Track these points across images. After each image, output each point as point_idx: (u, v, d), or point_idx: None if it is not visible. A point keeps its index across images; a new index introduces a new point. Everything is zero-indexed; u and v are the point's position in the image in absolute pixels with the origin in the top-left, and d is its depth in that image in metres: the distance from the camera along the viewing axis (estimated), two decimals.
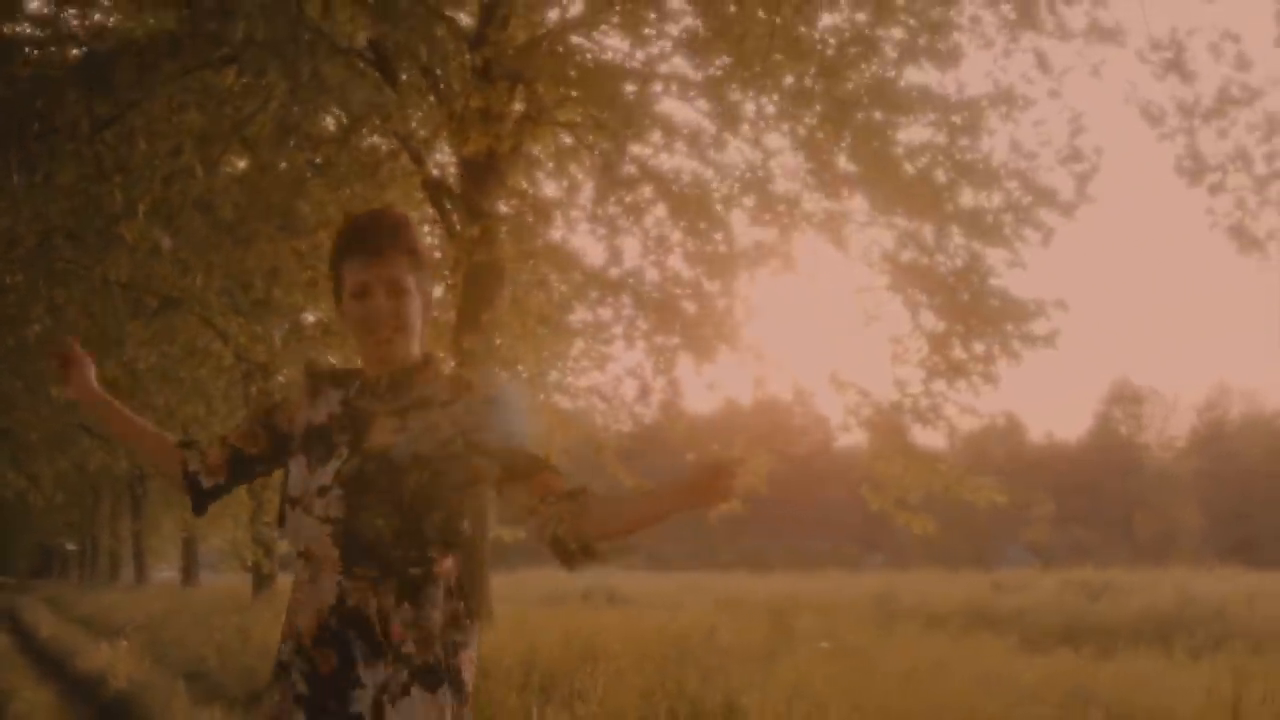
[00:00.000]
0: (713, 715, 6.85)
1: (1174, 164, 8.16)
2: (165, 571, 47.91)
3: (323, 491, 3.22)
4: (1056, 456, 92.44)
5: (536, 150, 12.52)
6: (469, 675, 3.26)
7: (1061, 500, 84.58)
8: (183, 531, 35.78)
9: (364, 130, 10.12)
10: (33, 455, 27.72)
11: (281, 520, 3.31)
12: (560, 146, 13.16)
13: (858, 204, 13.83)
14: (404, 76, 11.29)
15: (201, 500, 3.51)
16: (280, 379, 19.92)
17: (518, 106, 11.22)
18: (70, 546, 63.04)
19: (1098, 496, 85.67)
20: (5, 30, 12.59)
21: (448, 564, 3.25)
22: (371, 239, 3.27)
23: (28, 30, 11.97)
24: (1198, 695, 4.86)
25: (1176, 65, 8.42)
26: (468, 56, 11.96)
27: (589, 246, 13.07)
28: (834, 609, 14.75)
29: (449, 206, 12.54)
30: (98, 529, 50.67)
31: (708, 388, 13.52)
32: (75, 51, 10.17)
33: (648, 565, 57.80)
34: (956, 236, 13.40)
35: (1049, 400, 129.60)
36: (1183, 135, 8.24)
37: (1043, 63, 10.84)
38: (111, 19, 11.46)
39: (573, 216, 12.45)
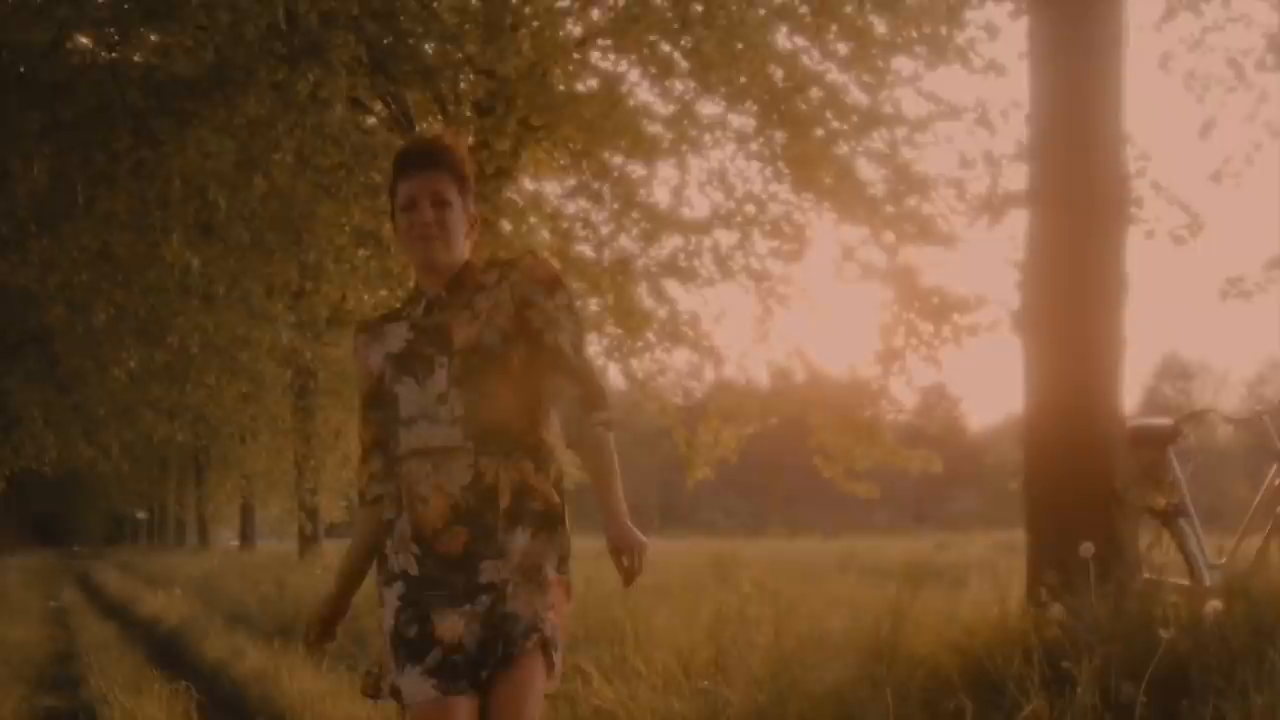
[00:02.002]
0: (610, 626, 8.82)
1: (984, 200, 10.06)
2: (232, 540, 49.93)
3: (443, 399, 3.46)
4: None
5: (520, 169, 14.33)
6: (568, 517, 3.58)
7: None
8: (240, 499, 37.81)
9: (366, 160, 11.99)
10: (101, 428, 29.76)
11: (389, 444, 3.56)
12: (544, 161, 15.04)
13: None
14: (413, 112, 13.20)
15: None
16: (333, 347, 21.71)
17: (506, 142, 12.99)
18: (140, 515, 65.21)
19: None
20: (70, 59, 14.54)
21: (549, 428, 3.58)
22: (418, 159, 3.56)
23: (89, 48, 13.90)
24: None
25: (985, 122, 10.42)
26: (472, 78, 13.77)
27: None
28: (794, 564, 16.65)
29: None
30: (165, 497, 52.64)
31: (659, 374, 14.93)
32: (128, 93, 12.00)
33: (692, 531, 59.51)
34: (896, 239, 15.15)
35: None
36: (988, 176, 10.15)
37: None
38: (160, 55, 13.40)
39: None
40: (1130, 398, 6.79)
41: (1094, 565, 5.42)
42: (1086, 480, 6.15)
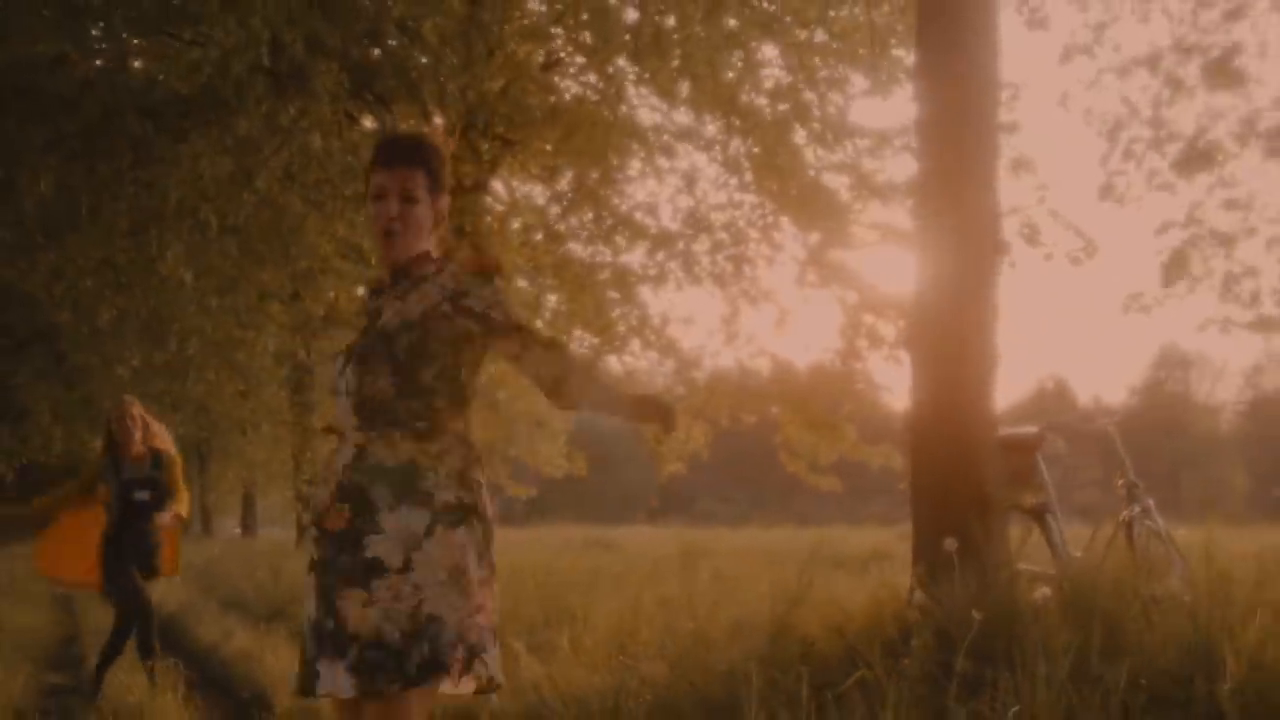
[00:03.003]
0: (566, 612, 9.63)
1: None
2: (235, 528, 50.52)
3: (341, 371, 3.71)
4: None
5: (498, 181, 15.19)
6: (493, 511, 3.70)
7: (1109, 462, 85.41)
8: (242, 489, 38.58)
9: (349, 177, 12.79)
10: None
11: None
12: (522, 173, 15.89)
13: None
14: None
15: None
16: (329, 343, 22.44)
17: (485, 156, 13.82)
18: None
19: (1146, 459, 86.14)
20: (75, 71, 15.23)
21: (459, 422, 3.68)
22: (393, 153, 3.69)
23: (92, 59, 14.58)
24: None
25: (909, 149, 11.31)
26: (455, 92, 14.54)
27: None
28: (763, 553, 17.42)
29: None
30: None
31: (627, 374, 15.79)
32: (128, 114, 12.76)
33: (687, 521, 60.15)
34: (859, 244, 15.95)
35: (1098, 365, 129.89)
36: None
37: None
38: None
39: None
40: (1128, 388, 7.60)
41: (960, 558, 6.23)
42: (959, 482, 6.97)
